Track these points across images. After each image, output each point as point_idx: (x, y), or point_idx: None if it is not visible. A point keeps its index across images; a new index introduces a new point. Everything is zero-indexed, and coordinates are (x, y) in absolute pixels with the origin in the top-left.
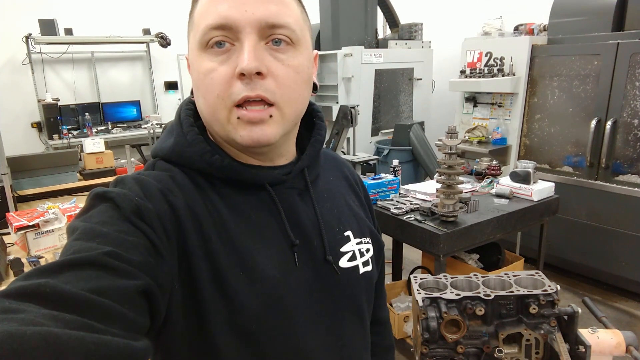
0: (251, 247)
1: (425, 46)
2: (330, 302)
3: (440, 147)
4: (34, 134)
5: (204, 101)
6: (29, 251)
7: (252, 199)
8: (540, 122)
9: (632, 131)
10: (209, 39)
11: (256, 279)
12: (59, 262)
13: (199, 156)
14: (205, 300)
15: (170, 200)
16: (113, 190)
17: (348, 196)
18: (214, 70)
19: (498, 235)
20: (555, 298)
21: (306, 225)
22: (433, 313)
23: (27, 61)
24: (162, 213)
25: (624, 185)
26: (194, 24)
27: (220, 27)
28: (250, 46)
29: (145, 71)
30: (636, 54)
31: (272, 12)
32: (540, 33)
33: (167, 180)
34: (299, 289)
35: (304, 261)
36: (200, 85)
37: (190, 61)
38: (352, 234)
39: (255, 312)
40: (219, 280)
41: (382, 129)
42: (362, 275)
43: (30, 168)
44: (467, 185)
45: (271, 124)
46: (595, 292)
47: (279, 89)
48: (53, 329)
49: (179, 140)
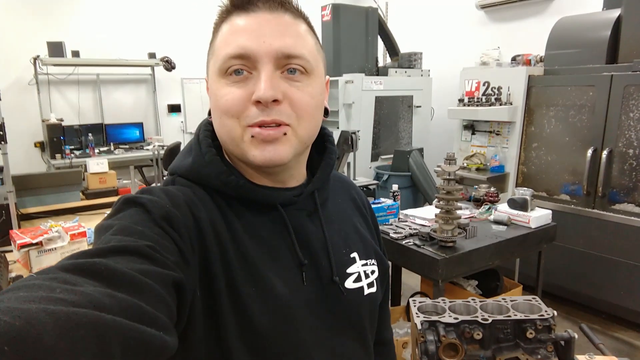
0: (263, 265)
1: (424, 74)
2: (335, 322)
3: (439, 173)
4: (36, 153)
5: (220, 121)
6: (31, 269)
7: (264, 219)
8: (538, 150)
9: (627, 161)
10: (228, 67)
11: (266, 296)
12: (106, 247)
13: (215, 176)
14: (221, 311)
15: (194, 213)
16: (143, 196)
17: (355, 218)
18: (230, 94)
19: (496, 262)
20: (552, 323)
21: (314, 246)
22: (431, 336)
23: (34, 82)
24: (188, 223)
25: (621, 214)
26: (215, 52)
27: (239, 56)
28: (267, 75)
29: (149, 94)
30: (629, 86)
31: (288, 44)
32: (537, 64)
33: (190, 194)
34: (305, 308)
35: (312, 280)
36: (217, 107)
37: (210, 85)
38: (358, 255)
39: (264, 328)
40: (234, 293)
41: (382, 154)
42: (366, 296)
43: (34, 187)
44: (465, 212)
45: (285, 142)
46: (594, 320)
47: (294, 111)
48: (104, 315)
49: (198, 159)
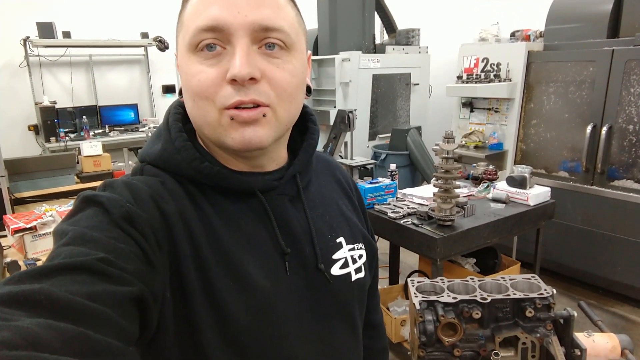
0: (242, 257)
1: (422, 52)
2: (322, 311)
3: (437, 152)
4: (30, 137)
5: (193, 104)
6: (25, 254)
7: (242, 207)
8: (537, 127)
9: (627, 137)
10: (199, 41)
11: (246, 289)
12: (52, 265)
13: (187, 163)
14: (195, 309)
15: (161, 207)
16: (102, 194)
17: (341, 201)
18: (202, 73)
19: (494, 240)
20: (551, 302)
21: (297, 233)
22: (430, 316)
23: (25, 64)
24: (153, 220)
25: (620, 190)
26: (184, 24)
27: (211, 29)
28: (242, 51)
29: (143, 74)
30: (631, 61)
31: (265, 15)
32: (536, 39)
33: (157, 186)
34: (289, 299)
35: (295, 270)
36: (188, 88)
37: (179, 62)
38: (344, 240)
39: (245, 323)
40: (209, 290)
41: (380, 133)
42: (354, 282)
43: (28, 171)
44: (463, 190)
45: (264, 124)
46: (591, 296)
47: (273, 91)
48: (41, 355)
49: (167, 146)
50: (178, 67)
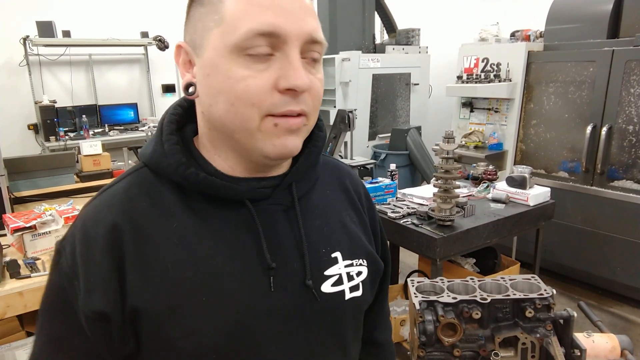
0: (221, 270)
1: (422, 51)
2: (308, 331)
3: (437, 152)
4: (30, 136)
5: (231, 107)
6: (25, 253)
7: (231, 215)
8: (537, 127)
9: (627, 137)
10: (251, 45)
11: (222, 305)
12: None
13: (174, 169)
14: (165, 332)
15: (118, 237)
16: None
17: (345, 212)
18: (250, 78)
19: (494, 240)
20: (551, 302)
21: (287, 246)
22: (430, 316)
23: (25, 63)
24: (101, 270)
25: (619, 190)
26: (226, 22)
27: (268, 34)
28: (298, 61)
29: (142, 74)
30: (631, 61)
31: (314, 27)
32: (536, 39)
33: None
34: (272, 317)
35: (282, 286)
36: (227, 91)
37: (213, 60)
38: (341, 255)
39: (217, 342)
40: (178, 310)
41: (379, 133)
42: (348, 301)
43: (27, 170)
44: (463, 190)
45: (301, 133)
46: (591, 296)
47: (312, 101)
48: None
49: (157, 148)
50: (190, 64)
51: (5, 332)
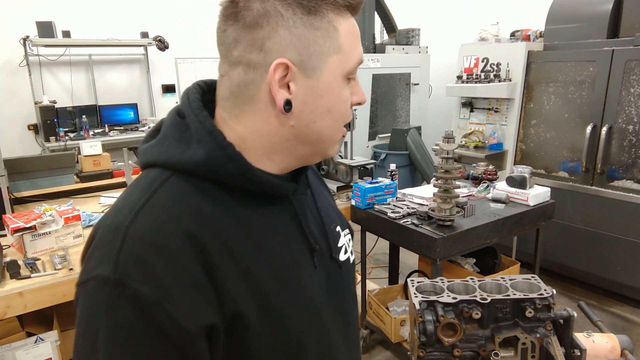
0: (286, 260)
1: (422, 51)
2: (340, 296)
3: (437, 152)
4: (30, 136)
5: (335, 124)
6: (25, 253)
7: (276, 210)
8: (537, 127)
9: (627, 137)
10: (354, 72)
11: (298, 291)
12: None
13: (240, 173)
14: (251, 328)
15: (200, 244)
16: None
17: (325, 191)
18: (348, 100)
19: (494, 240)
20: (551, 302)
21: (315, 229)
22: (430, 316)
23: (25, 63)
24: (196, 282)
25: (619, 190)
26: (343, 51)
27: (359, 64)
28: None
29: (142, 74)
30: (631, 61)
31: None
32: (536, 39)
33: (194, 209)
34: (320, 291)
35: (320, 263)
36: (336, 110)
37: (330, 84)
38: (340, 228)
39: (300, 325)
40: (265, 305)
41: (379, 133)
42: (352, 264)
43: (27, 170)
44: (463, 190)
45: None
46: (591, 296)
47: None
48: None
49: (216, 154)
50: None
51: (5, 332)
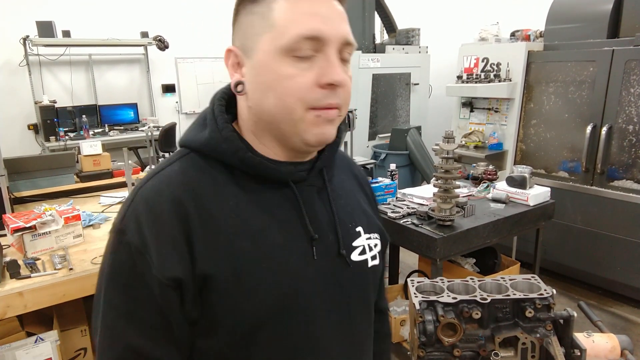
0: (274, 241)
1: (422, 51)
2: (343, 293)
3: (437, 152)
4: (30, 136)
5: (278, 102)
6: (25, 253)
7: (276, 194)
8: (537, 127)
9: (627, 137)
10: (298, 48)
11: (278, 271)
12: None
13: (232, 153)
14: (219, 292)
15: (184, 210)
16: (122, 241)
17: (358, 194)
18: (297, 76)
19: (494, 240)
20: (551, 302)
21: (322, 221)
22: (430, 316)
23: (25, 63)
24: (173, 240)
25: (619, 190)
26: (276, 27)
27: (312, 39)
28: (336, 60)
29: (142, 74)
30: (631, 61)
31: (348, 31)
32: (536, 39)
33: (186, 186)
34: (316, 281)
35: (321, 255)
36: (276, 87)
37: (264, 61)
38: (362, 229)
39: (275, 304)
40: (237, 274)
41: (379, 133)
42: (370, 268)
43: (27, 170)
44: (463, 190)
45: (335, 123)
46: (591, 296)
47: (344, 96)
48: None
49: (214, 134)
50: (239, 65)
51: (5, 332)
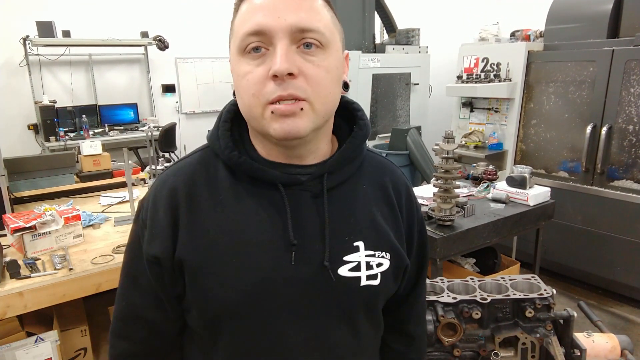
0: (250, 240)
1: (422, 51)
2: (321, 306)
3: (437, 152)
4: (30, 136)
5: (242, 100)
6: (25, 253)
7: (265, 195)
8: (537, 127)
9: (627, 137)
10: (246, 44)
11: (247, 268)
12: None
13: (222, 150)
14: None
15: (176, 198)
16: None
17: (376, 207)
18: (250, 73)
19: (494, 240)
20: (551, 302)
21: (310, 229)
22: (430, 316)
23: (25, 63)
24: (162, 224)
25: (619, 190)
26: (234, 31)
27: (256, 33)
28: (282, 50)
29: (142, 74)
30: (631, 61)
31: (302, 18)
32: (536, 39)
33: (184, 176)
34: (288, 286)
35: (301, 261)
36: (238, 86)
37: (232, 65)
38: (363, 244)
39: (240, 298)
40: (206, 264)
41: (379, 133)
42: (363, 287)
43: (27, 170)
44: (463, 190)
45: (302, 116)
46: (591, 296)
47: (309, 86)
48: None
49: (214, 132)
50: (232, 71)
51: (5, 332)
